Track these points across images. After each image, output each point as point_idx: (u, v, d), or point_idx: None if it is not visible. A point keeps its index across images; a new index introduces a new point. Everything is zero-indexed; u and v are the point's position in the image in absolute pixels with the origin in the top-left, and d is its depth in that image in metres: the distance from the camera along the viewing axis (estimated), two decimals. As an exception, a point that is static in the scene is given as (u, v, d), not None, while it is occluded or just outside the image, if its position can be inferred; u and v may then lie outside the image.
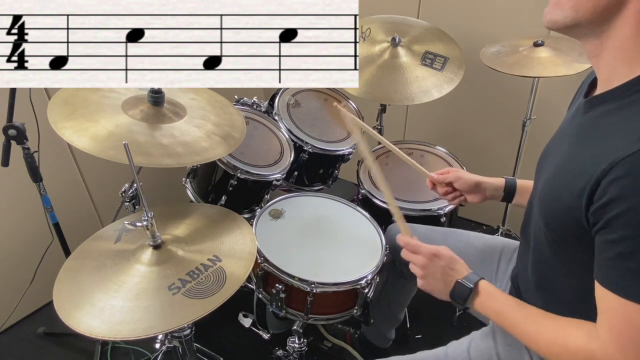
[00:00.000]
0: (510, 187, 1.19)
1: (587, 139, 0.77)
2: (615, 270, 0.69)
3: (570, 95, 1.00)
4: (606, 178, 0.67)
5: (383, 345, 1.67)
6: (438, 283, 0.97)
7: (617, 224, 0.67)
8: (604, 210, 0.68)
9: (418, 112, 2.30)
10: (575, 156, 0.78)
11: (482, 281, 0.94)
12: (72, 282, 0.99)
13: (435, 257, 0.98)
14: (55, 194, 1.56)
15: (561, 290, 0.89)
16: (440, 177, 1.26)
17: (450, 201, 1.28)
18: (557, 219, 0.80)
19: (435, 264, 0.98)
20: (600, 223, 0.70)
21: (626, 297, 0.68)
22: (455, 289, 0.95)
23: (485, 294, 0.93)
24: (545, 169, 0.89)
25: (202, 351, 1.61)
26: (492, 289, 0.93)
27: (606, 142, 0.71)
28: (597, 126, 0.76)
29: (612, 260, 0.70)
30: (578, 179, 0.73)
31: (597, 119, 0.77)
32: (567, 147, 0.82)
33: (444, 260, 0.98)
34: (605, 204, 0.68)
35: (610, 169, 0.67)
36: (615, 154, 0.67)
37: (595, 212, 0.70)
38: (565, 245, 0.82)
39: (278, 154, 1.59)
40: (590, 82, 0.85)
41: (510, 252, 1.23)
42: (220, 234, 1.14)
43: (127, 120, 1.15)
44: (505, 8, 1.89)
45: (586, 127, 0.79)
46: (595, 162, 0.70)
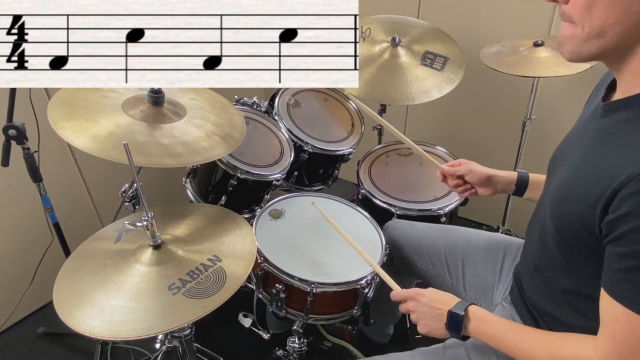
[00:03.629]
0: (523, 182, 1.18)
1: (604, 146, 0.76)
2: (625, 283, 0.69)
3: (570, 95, 1.00)
4: (623, 191, 0.67)
5: (381, 340, 1.67)
6: (431, 321, 0.97)
7: (629, 238, 0.67)
8: (618, 223, 0.68)
9: (418, 112, 2.30)
10: (590, 163, 0.77)
11: (472, 306, 0.93)
12: (72, 282, 0.99)
13: (418, 296, 0.99)
14: (55, 194, 1.56)
15: (565, 292, 0.89)
16: (451, 170, 1.25)
17: (460, 194, 1.26)
18: (568, 223, 0.80)
19: (420, 303, 0.98)
20: (613, 235, 0.69)
21: (632, 309, 0.68)
22: (448, 320, 0.94)
23: (477, 319, 0.92)
24: (559, 171, 0.88)
25: (202, 351, 1.61)
26: (483, 312, 0.93)
27: (624, 152, 0.70)
28: (615, 134, 0.75)
29: (621, 272, 0.70)
30: (593, 188, 0.72)
31: (614, 125, 0.76)
32: (583, 152, 0.80)
33: (427, 297, 0.98)
34: (620, 217, 0.67)
35: (627, 182, 0.66)
36: (634, 167, 0.66)
37: (608, 223, 0.70)
38: (574, 250, 0.82)
39: (278, 154, 1.59)
40: (609, 84, 0.83)
41: (514, 250, 1.22)
42: (220, 234, 1.14)
43: (127, 120, 1.15)
44: (505, 8, 1.89)
45: (603, 133, 0.78)
46: (612, 172, 0.69)
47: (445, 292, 1.00)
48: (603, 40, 0.69)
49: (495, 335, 0.90)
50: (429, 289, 1.00)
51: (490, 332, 0.91)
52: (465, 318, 0.92)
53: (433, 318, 0.96)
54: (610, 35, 0.68)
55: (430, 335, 0.99)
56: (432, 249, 1.31)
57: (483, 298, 1.22)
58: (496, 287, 1.20)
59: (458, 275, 1.26)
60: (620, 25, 0.67)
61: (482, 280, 1.22)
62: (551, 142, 0.98)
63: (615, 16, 0.67)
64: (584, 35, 0.70)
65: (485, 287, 1.20)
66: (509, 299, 1.10)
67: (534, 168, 1.22)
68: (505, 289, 1.16)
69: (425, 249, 1.32)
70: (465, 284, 1.25)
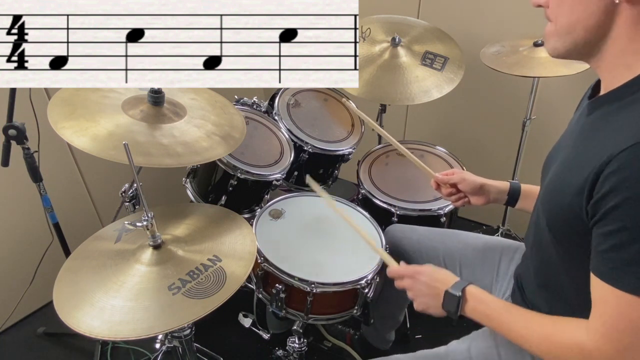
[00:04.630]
0: (515, 192, 1.19)
1: (589, 138, 0.79)
2: (610, 262, 0.70)
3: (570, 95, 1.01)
4: (605, 171, 0.69)
5: (383, 347, 1.68)
6: (428, 299, 0.98)
7: (613, 216, 0.68)
8: (601, 203, 0.70)
9: (418, 112, 2.30)
10: (577, 155, 0.79)
11: (470, 286, 0.94)
12: (72, 282, 0.99)
13: (417, 274, 1.00)
14: (55, 194, 1.56)
15: (565, 292, 0.89)
16: (445, 178, 1.26)
17: (453, 202, 1.27)
18: (559, 216, 0.81)
19: (418, 281, 0.99)
20: (598, 215, 0.71)
21: (620, 288, 0.69)
22: (445, 299, 0.94)
23: (475, 299, 0.93)
24: (550, 171, 0.90)
25: (202, 351, 1.61)
26: (480, 293, 0.94)
27: (606, 139, 0.72)
28: (599, 126, 0.78)
29: (607, 251, 0.70)
30: (579, 176, 0.74)
31: (599, 119, 0.79)
32: (571, 148, 0.83)
33: (425, 275, 0.99)
34: (603, 196, 0.69)
35: (608, 162, 0.68)
36: (614, 148, 0.68)
37: (593, 205, 0.71)
38: (568, 245, 0.83)
39: (278, 154, 1.59)
40: (595, 84, 0.87)
41: (511, 252, 1.23)
42: (220, 234, 1.14)
43: (127, 120, 1.15)
44: (505, 8, 1.89)
45: (589, 128, 0.81)
46: (595, 158, 0.71)
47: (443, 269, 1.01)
48: (572, 36, 0.76)
49: (491, 315, 0.91)
50: (427, 266, 1.01)
51: (486, 311, 0.91)
52: (463, 298, 0.92)
53: (430, 296, 0.97)
54: (577, 32, 0.75)
55: (426, 313, 0.99)
56: (431, 253, 1.32)
57: None
58: (494, 287, 1.21)
59: None
60: (583, 22, 0.74)
61: (479, 282, 1.22)
62: (551, 142, 0.98)
63: (577, 14, 0.74)
64: (557, 32, 0.78)
65: (483, 288, 1.21)
66: (510, 301, 1.11)
67: (533, 168, 1.22)
68: (505, 291, 1.17)
69: (425, 253, 1.33)
70: None
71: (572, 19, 0.75)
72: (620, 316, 0.70)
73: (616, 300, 0.70)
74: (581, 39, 0.76)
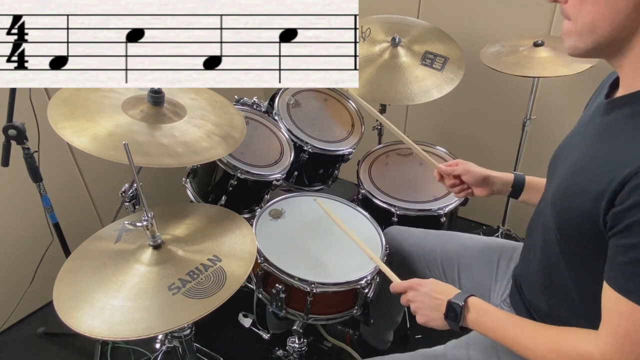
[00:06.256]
0: (519, 183, 1.18)
1: (607, 141, 0.76)
2: (629, 275, 0.69)
3: (570, 95, 1.01)
4: (630, 182, 0.67)
5: (381, 347, 1.68)
6: (430, 311, 0.97)
7: (637, 229, 0.67)
8: (625, 215, 0.68)
9: (418, 112, 2.30)
10: (593, 158, 0.77)
11: (471, 297, 0.93)
12: (72, 282, 0.99)
13: (417, 286, 1.00)
14: (55, 194, 1.56)
15: (568, 293, 0.88)
16: (448, 169, 1.25)
17: (457, 194, 1.26)
18: (570, 219, 0.79)
19: (419, 293, 0.99)
20: (619, 227, 0.69)
21: (637, 302, 0.68)
22: (447, 310, 0.93)
23: (477, 310, 0.91)
24: (560, 168, 0.88)
25: (202, 351, 1.61)
26: (483, 304, 0.92)
27: (628, 146, 0.70)
28: (618, 129, 0.75)
29: (626, 264, 0.69)
30: (597, 182, 0.72)
31: (617, 121, 0.76)
32: (585, 148, 0.81)
33: (426, 286, 0.98)
34: (628, 208, 0.67)
35: (635, 174, 0.66)
36: None
37: (615, 214, 0.69)
38: (576, 247, 0.82)
39: (278, 154, 1.59)
40: (612, 82, 0.84)
41: (509, 252, 1.23)
42: (220, 234, 1.14)
43: (127, 120, 1.15)
44: (505, 8, 1.89)
45: (606, 129, 0.78)
46: (617, 165, 0.69)
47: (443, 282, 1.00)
48: (596, 35, 0.72)
49: (494, 327, 0.89)
50: (429, 279, 1.00)
51: (490, 323, 0.90)
52: (465, 308, 0.91)
53: (432, 308, 0.96)
54: (601, 30, 0.71)
55: (428, 325, 0.98)
56: (429, 255, 1.31)
57: None
58: (493, 289, 1.20)
59: (454, 280, 1.26)
60: (609, 20, 0.69)
61: (478, 284, 1.22)
62: (551, 142, 0.98)
63: (603, 12, 0.69)
64: (578, 31, 0.73)
65: (482, 290, 1.21)
66: (508, 301, 1.10)
67: (533, 168, 1.22)
68: (504, 291, 1.16)
69: (423, 255, 1.32)
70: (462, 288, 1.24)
71: (596, 16, 0.70)
72: (633, 328, 0.69)
73: (632, 313, 0.69)
74: (606, 38, 0.71)
